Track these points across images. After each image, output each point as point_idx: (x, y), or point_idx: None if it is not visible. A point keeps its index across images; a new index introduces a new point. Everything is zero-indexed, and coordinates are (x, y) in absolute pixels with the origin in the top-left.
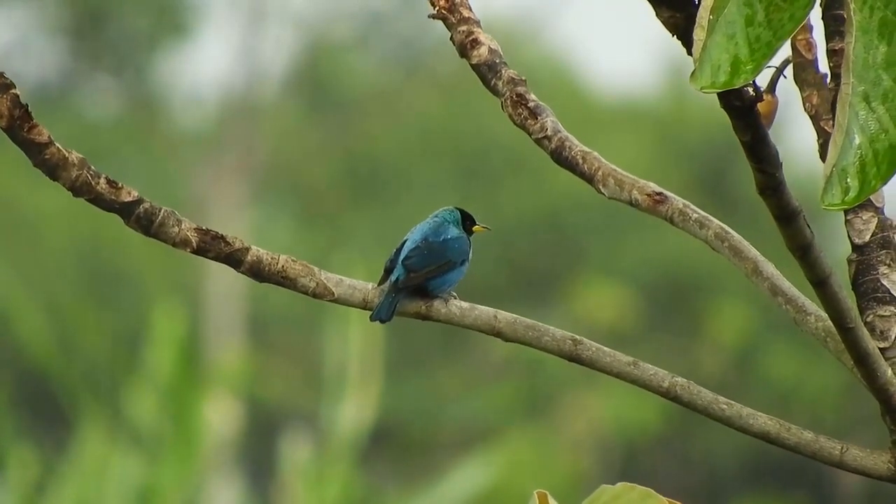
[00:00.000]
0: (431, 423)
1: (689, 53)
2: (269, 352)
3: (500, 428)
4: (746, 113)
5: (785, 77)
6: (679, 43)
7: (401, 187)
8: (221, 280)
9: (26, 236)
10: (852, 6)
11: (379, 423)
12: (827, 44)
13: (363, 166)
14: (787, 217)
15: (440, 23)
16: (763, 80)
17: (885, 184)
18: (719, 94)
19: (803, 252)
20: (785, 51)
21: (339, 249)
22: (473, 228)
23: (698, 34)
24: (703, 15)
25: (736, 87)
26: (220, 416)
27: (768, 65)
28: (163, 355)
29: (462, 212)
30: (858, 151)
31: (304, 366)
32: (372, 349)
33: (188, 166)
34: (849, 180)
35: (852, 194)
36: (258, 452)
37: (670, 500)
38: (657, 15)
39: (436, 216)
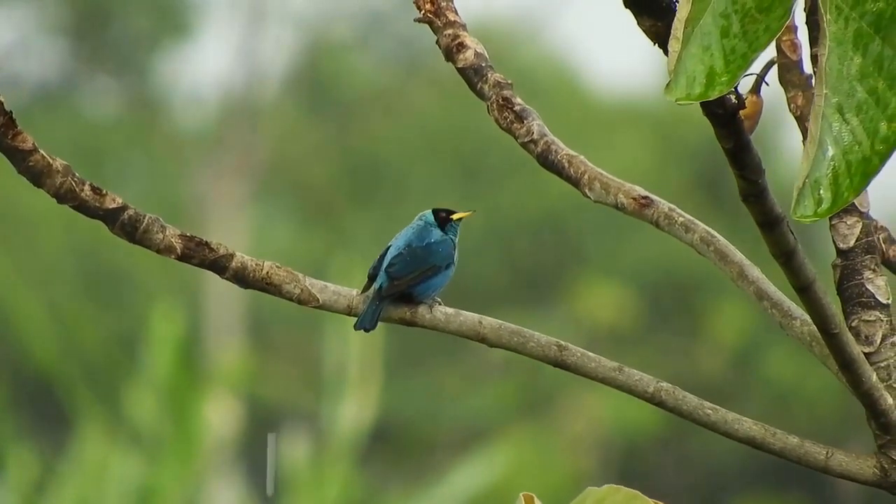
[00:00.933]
0: (431, 423)
1: None
2: (269, 351)
3: (500, 428)
4: (728, 121)
5: (767, 84)
6: (662, 51)
7: (401, 187)
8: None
9: (25, 236)
10: (827, 17)
11: (379, 423)
12: (811, 48)
13: (363, 166)
14: (770, 223)
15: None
16: (748, 80)
17: (857, 196)
18: (701, 102)
19: (787, 258)
20: (770, 52)
21: (340, 249)
22: (452, 218)
23: (673, 45)
24: (678, 26)
25: (711, 98)
26: (219, 416)
27: (753, 66)
28: (161, 355)
29: (436, 211)
30: (832, 163)
31: (304, 365)
32: (371, 349)
33: (188, 166)
34: (822, 192)
35: (825, 206)
36: (258, 452)
37: (655, 501)
38: (639, 24)
39: (419, 219)
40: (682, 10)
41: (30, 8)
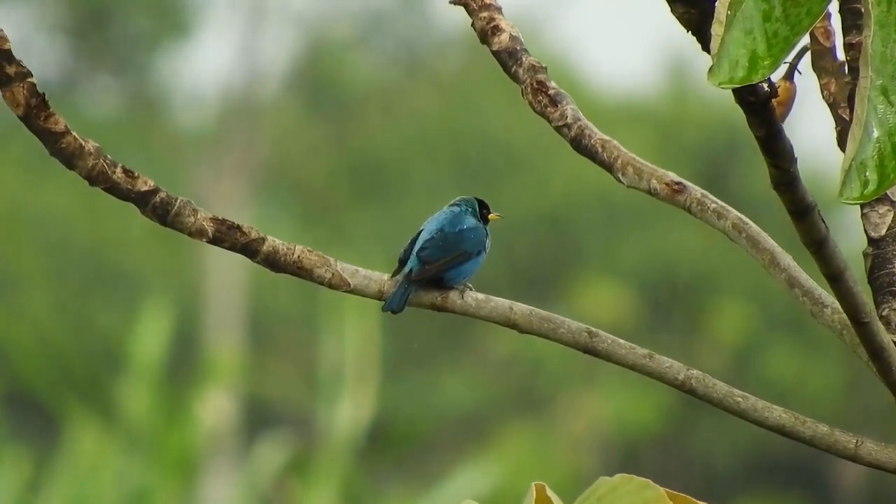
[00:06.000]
0: (430, 422)
1: (704, 49)
2: (269, 349)
3: (500, 427)
4: (761, 109)
5: (800, 73)
6: (692, 39)
7: (401, 186)
8: (222, 277)
9: (23, 234)
10: (870, 0)
11: (377, 422)
12: (844, 37)
13: (363, 165)
14: (801, 212)
15: (441, 23)
16: (781, 67)
17: None
18: (734, 90)
19: (818, 247)
20: (803, 38)
21: (339, 248)
22: (489, 217)
23: (716, 29)
24: (720, 10)
25: (754, 82)
26: (216, 413)
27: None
28: (149, 351)
29: (479, 200)
30: (877, 145)
31: (303, 363)
32: (370, 347)
33: (189, 165)
34: (867, 174)
35: (871, 188)
36: (255, 450)
37: (668, 489)
38: (672, 11)
39: (453, 205)
40: None
41: (30, 7)
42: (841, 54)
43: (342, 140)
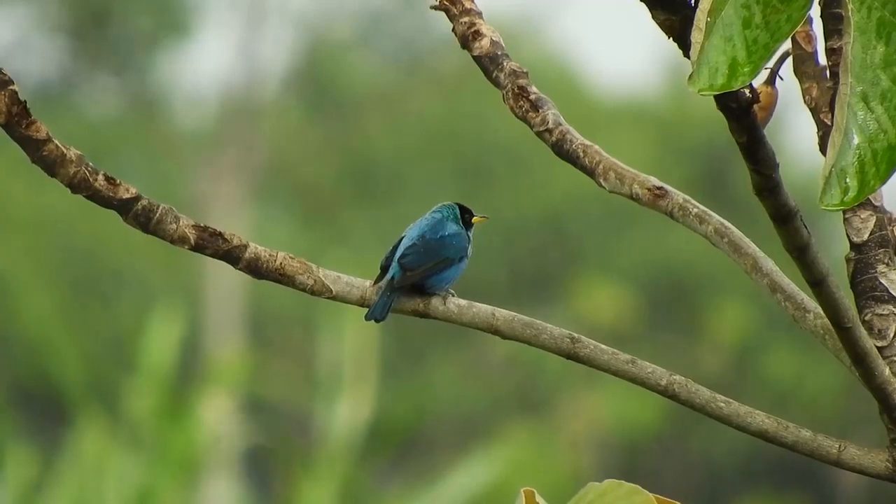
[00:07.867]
0: (430, 422)
1: (685, 55)
2: (269, 350)
3: (500, 427)
4: (743, 115)
5: (782, 79)
6: (677, 45)
7: (400, 187)
8: (221, 279)
9: (25, 235)
10: (850, 6)
11: (377, 421)
12: (826, 42)
13: (363, 166)
14: (783, 218)
15: (441, 22)
16: (762, 72)
17: (883, 184)
18: (716, 96)
19: (800, 252)
20: (784, 43)
21: (338, 248)
22: (473, 220)
23: (696, 37)
24: (700, 17)
25: (734, 89)
26: (218, 415)
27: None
28: (160, 354)
29: (461, 206)
30: (857, 152)
31: (304, 364)
32: (368, 347)
33: (188, 165)
34: (848, 180)
35: (851, 194)
36: (256, 450)
37: (658, 496)
38: (653, 17)
39: (434, 212)
40: (705, 1)
41: (30, 7)
42: (822, 59)
43: (342, 140)
